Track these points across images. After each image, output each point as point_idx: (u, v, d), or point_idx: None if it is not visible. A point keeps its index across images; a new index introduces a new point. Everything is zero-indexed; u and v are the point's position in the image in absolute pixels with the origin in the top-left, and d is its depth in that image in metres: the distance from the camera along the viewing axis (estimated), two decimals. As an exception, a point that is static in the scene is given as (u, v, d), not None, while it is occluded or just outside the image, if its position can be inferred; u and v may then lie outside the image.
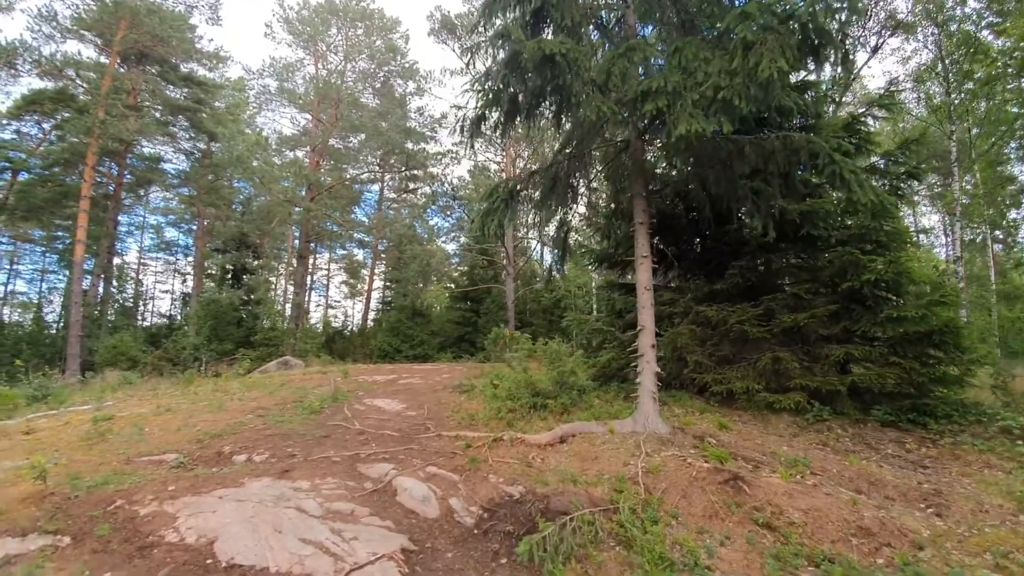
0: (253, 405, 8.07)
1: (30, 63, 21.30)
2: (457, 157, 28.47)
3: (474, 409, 6.88)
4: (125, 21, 22.54)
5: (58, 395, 10.91)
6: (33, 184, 26.90)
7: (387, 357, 23.55)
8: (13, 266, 35.63)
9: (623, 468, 4.65)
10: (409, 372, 11.90)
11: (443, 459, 5.00)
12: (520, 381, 6.71)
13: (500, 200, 5.97)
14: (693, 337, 6.82)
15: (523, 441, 5.41)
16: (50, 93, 24.33)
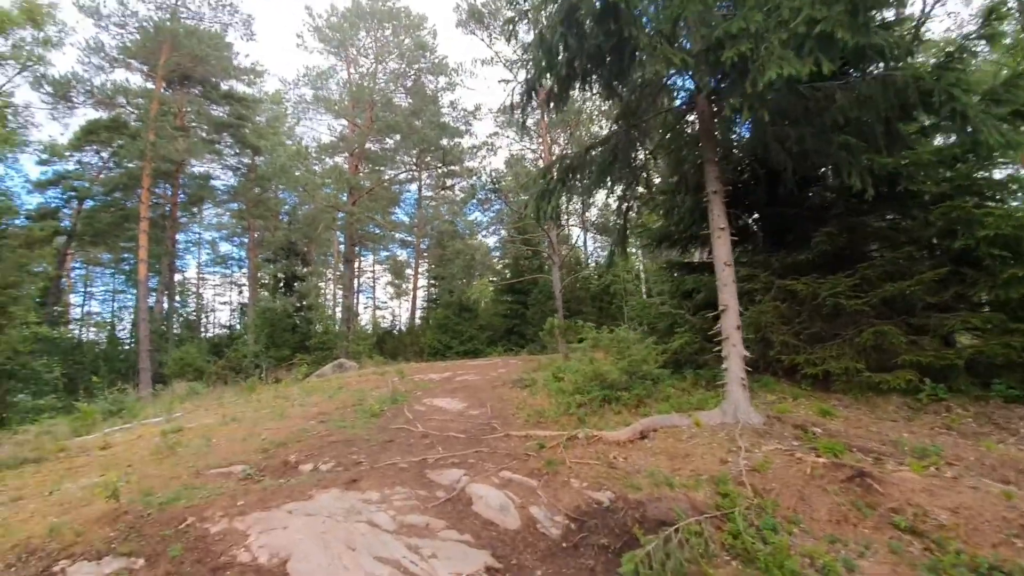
0: (314, 411, 7.97)
1: (83, 94, 22.38)
2: (493, 148, 28.16)
3: (540, 405, 6.49)
4: (166, 45, 23.30)
5: (131, 409, 11.30)
6: (97, 210, 28.42)
7: (438, 354, 23.55)
8: (87, 288, 37.97)
9: (721, 467, 4.13)
10: (463, 369, 11.65)
11: (516, 462, 4.62)
12: (587, 373, 6.26)
13: (556, 180, 5.50)
14: (778, 315, 6.15)
15: (600, 439, 4.96)
16: (105, 122, 25.59)
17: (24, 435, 9.69)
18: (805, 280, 6.00)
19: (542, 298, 23.33)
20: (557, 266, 23.27)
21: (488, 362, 13.19)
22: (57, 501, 4.90)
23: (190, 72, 25.20)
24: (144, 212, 22.96)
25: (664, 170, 7.46)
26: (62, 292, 31.43)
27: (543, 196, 5.63)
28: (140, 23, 23.39)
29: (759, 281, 6.41)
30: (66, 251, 29.52)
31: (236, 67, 27.67)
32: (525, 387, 7.62)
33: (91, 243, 30.71)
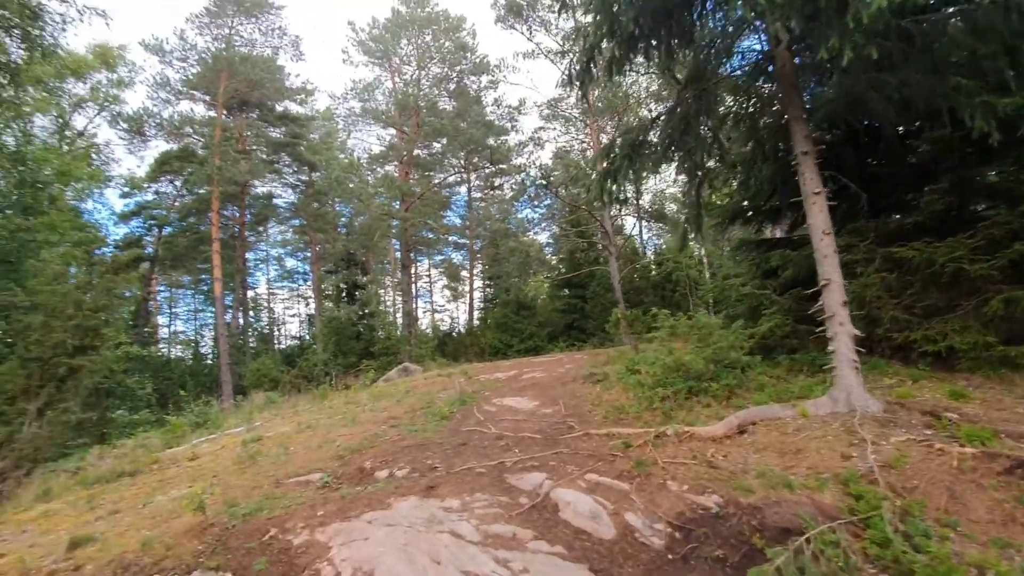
0: (384, 415, 7.94)
1: (154, 127, 23.96)
2: (540, 143, 27.82)
3: (617, 400, 6.08)
4: (224, 73, 24.56)
5: (215, 420, 11.83)
6: (175, 236, 30.44)
7: (499, 353, 23.47)
8: (171, 309, 40.85)
9: (845, 463, 3.59)
10: (528, 366, 11.38)
11: (602, 464, 4.26)
12: (666, 364, 5.79)
13: (621, 156, 5.07)
14: (885, 287, 5.42)
15: (692, 435, 4.51)
16: (175, 153, 27.34)
17: (122, 448, 10.34)
18: (917, 246, 5.24)
19: (600, 291, 22.73)
20: (614, 257, 22.61)
21: (552, 358, 12.84)
22: (149, 514, 5.02)
23: (247, 97, 26.44)
24: (215, 233, 24.33)
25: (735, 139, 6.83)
26: (150, 314, 33.90)
27: (607, 175, 5.22)
28: (199, 55, 24.80)
29: (859, 251, 5.69)
30: (150, 275, 31.77)
31: (288, 88, 28.82)
32: (597, 382, 7.23)
33: (171, 267, 32.92)
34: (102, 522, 5.08)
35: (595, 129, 24.55)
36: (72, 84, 24.79)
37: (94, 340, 10.18)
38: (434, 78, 28.04)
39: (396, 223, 25.76)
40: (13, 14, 11.45)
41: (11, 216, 17.60)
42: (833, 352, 4.63)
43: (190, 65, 25.11)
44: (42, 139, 22.89)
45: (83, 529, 4.77)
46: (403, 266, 27.03)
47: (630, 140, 5.17)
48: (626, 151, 5.05)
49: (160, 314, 40.58)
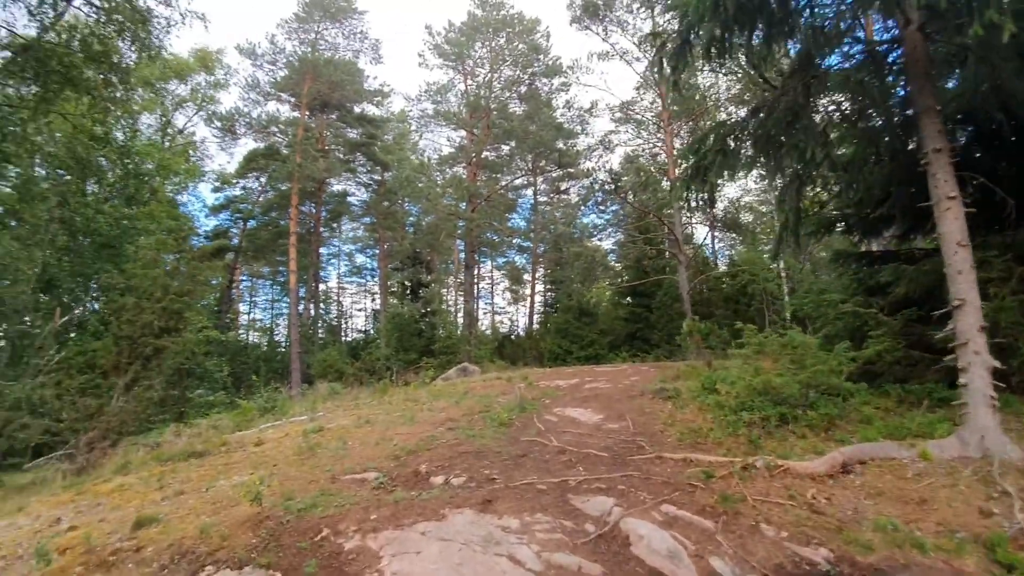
0: (442, 416, 7.78)
1: (244, 126, 25.53)
2: (610, 146, 27.18)
3: (693, 422, 5.54)
4: (309, 76, 25.81)
5: (282, 407, 12.24)
6: (257, 229, 32.37)
7: (558, 359, 23.03)
8: (251, 298, 43.54)
9: (986, 521, 2.95)
10: (591, 375, 10.90)
11: (679, 494, 3.79)
12: (751, 384, 5.19)
13: (713, 152, 4.56)
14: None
15: (787, 469, 3.94)
16: (262, 151, 29.06)
17: (196, 428, 10.88)
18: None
19: (667, 300, 21.75)
20: (684, 266, 21.59)
21: (616, 368, 12.28)
22: (211, 498, 5.07)
23: (328, 99, 27.64)
24: (293, 228, 25.57)
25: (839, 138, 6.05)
26: (232, 301, 36.23)
27: (696, 174, 4.73)
28: (287, 58, 26.22)
29: (994, 268, 4.85)
30: (234, 265, 33.93)
31: (367, 90, 29.89)
32: (668, 398, 6.68)
33: (253, 258, 35.02)
34: (168, 502, 5.20)
35: (669, 133, 23.59)
36: (175, 85, 27.00)
37: (178, 323, 10.76)
38: (506, 80, 28.09)
39: (462, 224, 25.99)
40: (126, 18, 12.42)
41: (117, 205, 19.30)
42: (964, 385, 3.91)
43: (279, 68, 26.63)
44: (147, 136, 25.03)
45: (149, 508, 4.89)
46: (466, 266, 27.23)
47: (724, 134, 4.64)
48: (718, 146, 4.52)
49: (241, 302, 43.47)
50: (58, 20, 11.88)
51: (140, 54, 13.58)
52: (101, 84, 12.91)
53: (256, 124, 25.99)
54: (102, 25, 12.43)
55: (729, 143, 4.49)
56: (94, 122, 14.84)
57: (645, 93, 29.12)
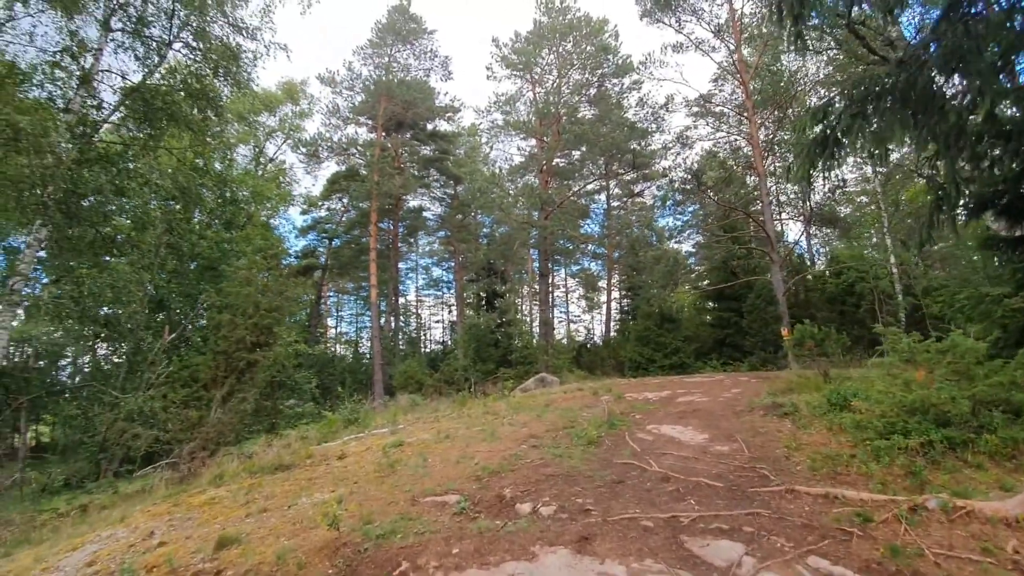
0: (524, 432, 7.30)
1: (326, 150, 26.90)
2: (688, 141, 25.75)
3: (824, 445, 4.63)
4: (384, 98, 26.80)
5: (364, 419, 12.37)
6: (341, 247, 34.03)
7: (639, 368, 21.90)
8: (338, 313, 45.85)
9: None
10: (682, 387, 9.99)
11: (829, 542, 3.02)
12: (900, 401, 4.23)
13: (847, 114, 3.70)
14: None
15: (970, 512, 3.05)
16: (343, 174, 30.56)
17: (285, 439, 11.20)
18: None
19: (760, 304, 20.02)
20: (777, 266, 19.79)
21: (710, 379, 11.24)
22: (292, 518, 4.92)
23: (402, 118, 28.55)
24: (373, 244, 26.49)
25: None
26: (320, 316, 38.29)
27: (821, 147, 3.92)
28: (363, 83, 27.39)
29: None
30: (321, 282, 35.84)
31: (438, 107, 30.58)
32: (785, 415, 5.76)
33: (338, 274, 36.82)
34: (251, 520, 5.11)
35: (753, 124, 21.93)
36: (265, 117, 29.06)
37: (268, 337, 11.13)
38: (575, 84, 27.60)
39: (535, 232, 25.67)
40: (219, 56, 13.32)
41: (218, 231, 20.89)
42: None
43: (356, 93, 27.88)
44: (242, 165, 27.08)
45: (233, 526, 4.80)
46: (541, 275, 26.79)
47: (863, 92, 3.74)
48: (856, 108, 3.64)
49: (329, 317, 45.96)
50: (161, 63, 12.96)
51: (232, 88, 14.55)
52: (200, 120, 13.89)
53: (337, 147, 27.33)
54: (199, 64, 13.42)
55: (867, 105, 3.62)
56: (196, 155, 16.10)
57: (724, 84, 27.52)
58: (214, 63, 13.53)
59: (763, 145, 22.21)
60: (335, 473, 6.73)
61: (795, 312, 19.71)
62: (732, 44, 21.81)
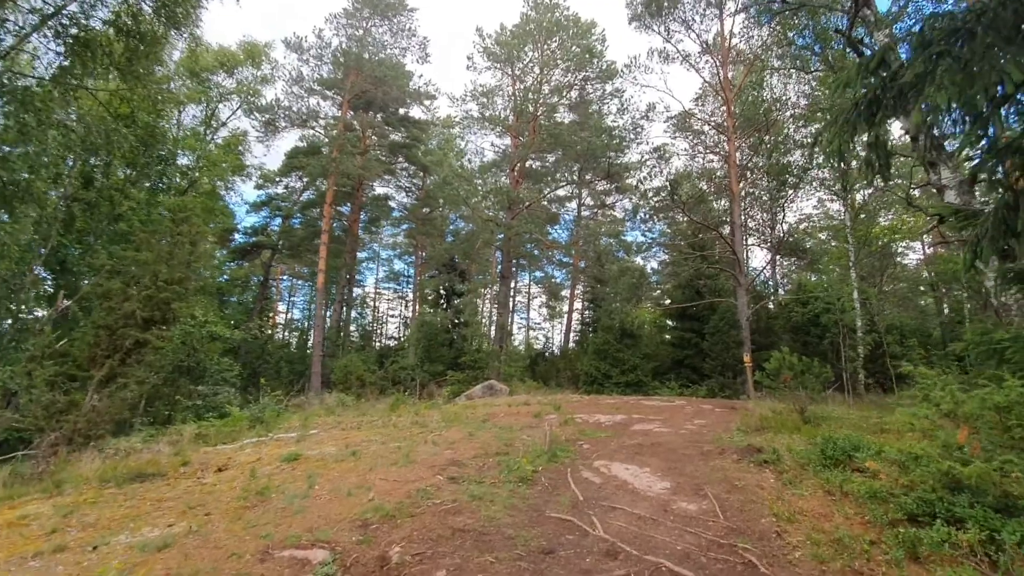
0: (447, 456, 5.94)
1: (285, 119, 24.87)
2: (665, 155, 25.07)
3: (826, 518, 3.43)
4: (353, 71, 25.03)
5: (278, 418, 10.70)
6: (295, 228, 31.94)
7: (595, 383, 20.82)
8: (291, 298, 43.35)
9: None
10: (639, 411, 8.85)
11: None
12: (950, 473, 3.06)
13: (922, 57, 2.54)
14: None
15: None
16: (303, 149, 28.52)
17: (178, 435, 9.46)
18: None
19: (723, 326, 19.28)
20: (743, 288, 19.16)
21: (669, 404, 10.17)
22: (89, 567, 3.43)
23: (372, 98, 26.79)
24: (326, 226, 24.57)
25: None
26: (269, 299, 35.88)
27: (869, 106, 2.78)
28: (333, 53, 25.53)
29: None
30: (270, 263, 33.50)
31: (412, 91, 28.96)
32: (764, 463, 4.62)
33: (290, 256, 34.54)
34: (35, 564, 3.58)
35: (732, 144, 21.34)
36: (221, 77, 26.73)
37: (166, 314, 9.39)
38: (556, 85, 26.57)
39: (501, 236, 24.42)
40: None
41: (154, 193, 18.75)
42: None
43: (323, 63, 25.97)
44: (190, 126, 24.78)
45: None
46: (502, 276, 25.52)
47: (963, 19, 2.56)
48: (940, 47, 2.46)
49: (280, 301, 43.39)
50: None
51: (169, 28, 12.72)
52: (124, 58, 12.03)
53: (296, 118, 25.27)
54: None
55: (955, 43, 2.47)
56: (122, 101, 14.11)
57: (706, 102, 27.08)
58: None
59: (739, 167, 21.70)
60: (194, 496, 5.20)
61: (756, 339, 19.12)
62: (719, 61, 21.21)
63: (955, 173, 10.69)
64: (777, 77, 21.48)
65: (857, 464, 3.95)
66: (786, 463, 4.50)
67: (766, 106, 21.80)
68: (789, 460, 4.54)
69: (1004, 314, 10.02)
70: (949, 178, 10.59)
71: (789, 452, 4.76)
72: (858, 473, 3.86)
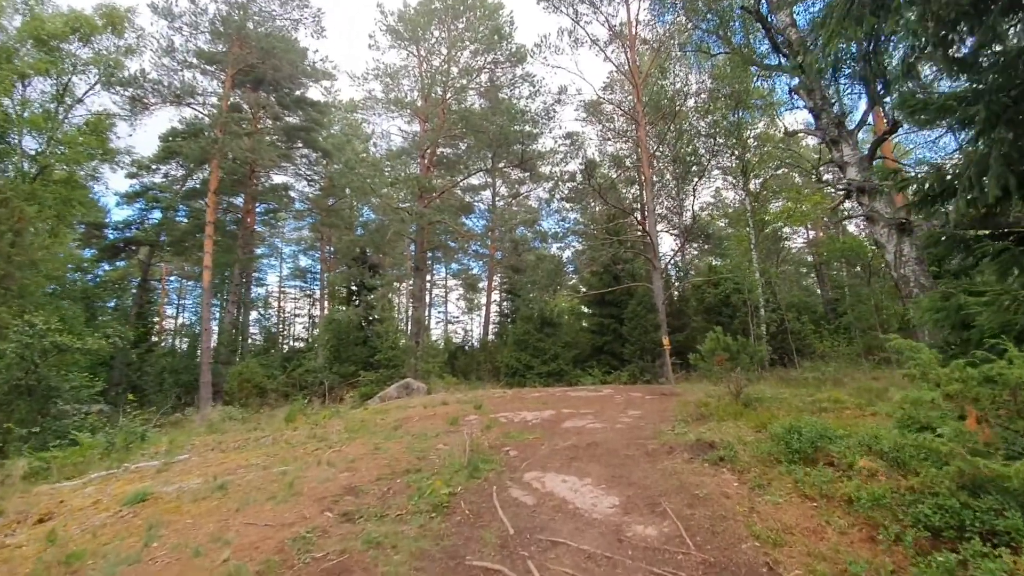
0: (342, 480, 4.77)
1: (155, 95, 21.52)
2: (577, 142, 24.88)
3: (819, 536, 2.75)
4: (236, 41, 22.21)
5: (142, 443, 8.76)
6: (176, 220, 28.28)
7: (516, 375, 20.20)
8: (180, 300, 38.63)
9: None
10: (568, 404, 8.13)
11: None
12: (975, 475, 2.47)
13: None
14: None
15: None
16: (181, 131, 25.04)
17: (8, 470, 7.38)
18: None
19: (641, 311, 19.39)
20: (659, 273, 19.38)
21: (596, 393, 9.57)
22: None
23: (261, 75, 24.02)
24: (210, 216, 21.69)
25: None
26: (152, 303, 31.65)
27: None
28: (211, 21, 22.48)
29: None
30: (149, 261, 29.51)
31: (308, 68, 26.43)
32: (720, 461, 3.98)
33: (175, 253, 30.60)
34: None
35: (643, 128, 21.43)
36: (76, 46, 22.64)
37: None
38: (464, 67, 25.43)
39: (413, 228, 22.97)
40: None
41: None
42: None
43: (200, 32, 22.80)
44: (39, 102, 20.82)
45: None
46: (416, 268, 24.07)
47: None
48: None
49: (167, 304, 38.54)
50: None
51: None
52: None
53: (170, 95, 21.94)
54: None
55: None
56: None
57: (616, 88, 27.29)
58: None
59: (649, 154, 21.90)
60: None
61: (670, 322, 19.39)
62: (627, 46, 21.19)
63: (855, 151, 11.08)
64: (680, 66, 21.94)
65: (832, 458, 3.38)
66: (744, 459, 3.87)
67: (670, 95, 22.22)
68: (747, 456, 3.92)
69: (903, 285, 10.52)
70: (850, 155, 10.95)
71: (743, 445, 4.16)
72: (831, 468, 3.29)
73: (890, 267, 10.62)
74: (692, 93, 22.54)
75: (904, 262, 10.13)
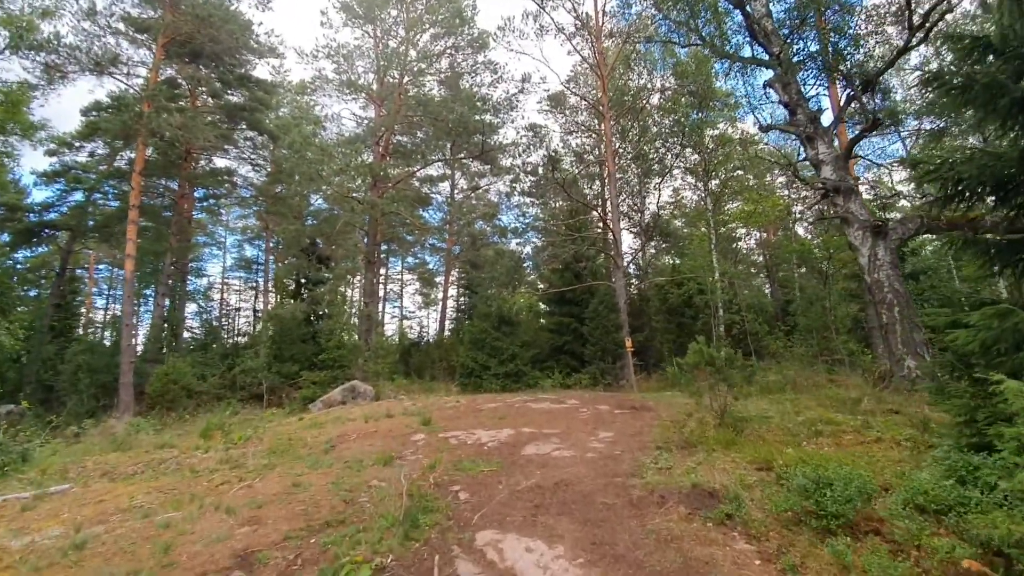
0: (240, 539, 3.64)
1: (72, 62, 19.08)
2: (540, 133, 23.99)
3: None
4: (168, 7, 20.02)
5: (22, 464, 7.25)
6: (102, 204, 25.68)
7: (472, 376, 19.14)
8: (110, 291, 35.45)
9: None
10: (529, 421, 7.21)
11: None
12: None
13: None
14: None
15: None
16: (105, 104, 22.48)
17: None
18: None
19: (603, 310, 18.72)
20: (621, 272, 18.80)
21: (559, 404, 8.70)
22: None
23: (199, 48, 21.81)
24: (134, 199, 19.48)
25: None
26: (75, 292, 28.80)
27: None
28: (138, -18, 20.17)
29: None
30: (69, 248, 26.73)
31: (252, 44, 24.30)
32: (727, 519, 3.15)
33: (100, 239, 27.83)
34: None
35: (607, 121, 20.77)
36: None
37: None
38: (424, 51, 24.07)
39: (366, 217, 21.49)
40: None
41: None
42: None
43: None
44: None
45: None
46: (367, 261, 22.60)
47: None
48: None
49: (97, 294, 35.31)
50: None
51: None
52: None
53: (90, 63, 19.50)
54: None
55: None
56: None
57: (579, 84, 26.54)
58: None
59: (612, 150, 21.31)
60: None
61: (631, 322, 18.85)
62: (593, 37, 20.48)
63: (831, 148, 10.66)
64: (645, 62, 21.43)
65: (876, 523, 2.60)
66: (757, 518, 3.06)
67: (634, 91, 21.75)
68: (760, 513, 3.11)
69: (877, 291, 10.18)
70: (826, 153, 10.51)
71: (748, 493, 3.35)
72: (879, 539, 2.51)
73: (863, 271, 10.28)
74: (656, 89, 22.12)
75: (878, 266, 9.77)
